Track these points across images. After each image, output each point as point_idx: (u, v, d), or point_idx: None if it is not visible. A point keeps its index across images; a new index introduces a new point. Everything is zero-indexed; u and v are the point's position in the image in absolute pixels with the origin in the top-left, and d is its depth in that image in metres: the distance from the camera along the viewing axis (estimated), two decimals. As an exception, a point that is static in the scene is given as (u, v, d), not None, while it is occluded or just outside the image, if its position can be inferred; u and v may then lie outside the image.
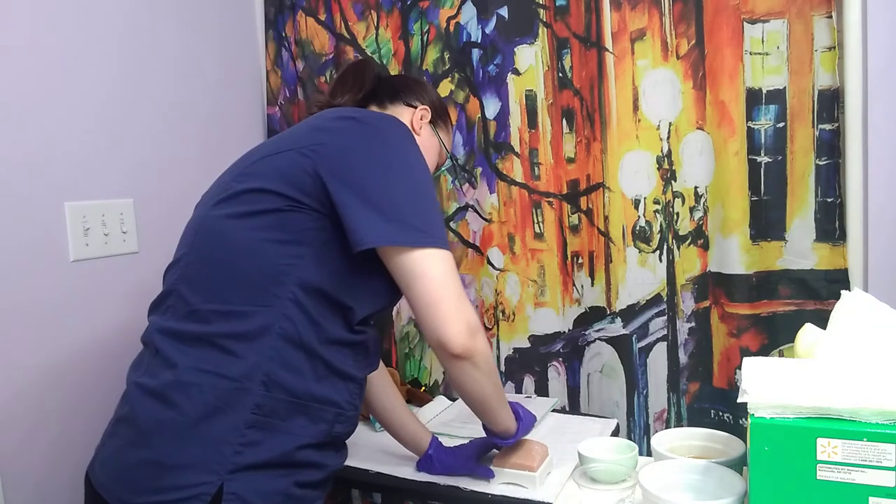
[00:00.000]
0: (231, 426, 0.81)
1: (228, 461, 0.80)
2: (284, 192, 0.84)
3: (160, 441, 0.81)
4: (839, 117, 1.18)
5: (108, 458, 0.87)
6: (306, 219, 0.85)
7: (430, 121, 1.11)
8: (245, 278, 0.85)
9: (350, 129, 0.88)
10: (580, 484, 1.02)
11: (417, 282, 0.83)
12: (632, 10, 1.33)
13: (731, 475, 0.91)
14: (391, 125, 0.91)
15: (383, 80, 1.12)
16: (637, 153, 1.36)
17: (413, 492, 1.15)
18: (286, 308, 0.84)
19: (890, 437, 0.67)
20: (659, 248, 1.36)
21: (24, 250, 1.18)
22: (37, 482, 1.20)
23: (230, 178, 0.93)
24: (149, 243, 1.40)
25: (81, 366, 1.27)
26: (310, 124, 0.92)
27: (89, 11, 1.29)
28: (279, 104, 1.71)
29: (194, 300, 0.86)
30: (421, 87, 1.13)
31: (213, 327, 0.84)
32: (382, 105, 1.10)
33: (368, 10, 1.60)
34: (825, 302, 1.20)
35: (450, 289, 0.84)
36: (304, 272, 0.84)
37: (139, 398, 0.85)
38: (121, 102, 1.35)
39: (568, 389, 1.49)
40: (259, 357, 0.83)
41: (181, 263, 0.91)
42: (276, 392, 0.83)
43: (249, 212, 0.86)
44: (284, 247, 0.84)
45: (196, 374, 0.83)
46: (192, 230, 0.93)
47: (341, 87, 1.09)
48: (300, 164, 0.85)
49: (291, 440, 0.84)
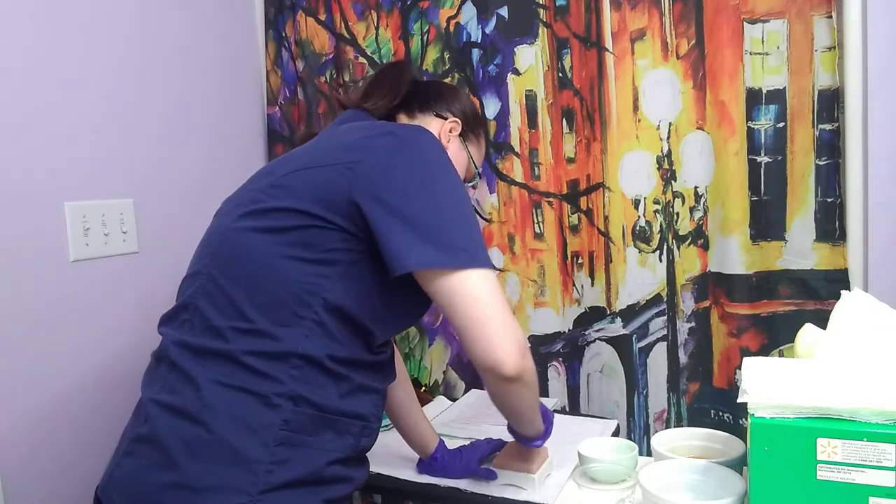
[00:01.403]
0: (261, 444, 0.78)
1: (260, 481, 0.76)
2: (314, 212, 0.81)
3: (188, 462, 0.77)
4: (839, 117, 1.18)
5: (126, 478, 0.82)
6: (335, 238, 0.81)
7: (459, 133, 1.05)
8: (268, 297, 0.81)
9: (388, 146, 0.84)
10: (580, 484, 1.02)
11: (462, 301, 0.78)
12: (632, 10, 1.33)
13: (731, 475, 0.91)
14: (429, 141, 0.87)
15: (417, 85, 1.07)
16: (637, 153, 1.36)
17: (414, 493, 1.15)
18: (309, 329, 0.81)
19: (890, 437, 0.67)
20: (659, 248, 1.36)
21: (24, 250, 1.18)
22: (32, 482, 1.20)
23: (260, 189, 0.88)
24: (149, 243, 1.40)
25: (81, 366, 1.27)
26: (346, 140, 0.88)
27: (89, 11, 1.29)
28: (279, 104, 1.71)
29: (213, 316, 0.83)
30: (454, 97, 1.07)
31: (234, 345, 0.81)
32: (412, 113, 1.04)
33: (368, 10, 1.60)
34: (825, 302, 1.20)
35: (497, 307, 0.79)
36: (329, 293, 0.81)
37: (159, 416, 0.81)
38: (120, 102, 1.35)
39: (568, 389, 1.49)
40: (282, 375, 0.80)
41: (201, 276, 0.87)
42: (304, 407, 0.80)
43: (277, 227, 0.83)
44: (310, 266, 0.81)
45: (221, 390, 0.79)
46: (216, 241, 0.89)
47: (377, 90, 1.03)
48: (335, 182, 0.81)
49: (320, 456, 0.81)
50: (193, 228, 1.47)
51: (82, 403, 1.27)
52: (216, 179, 1.55)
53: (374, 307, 0.84)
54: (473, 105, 1.10)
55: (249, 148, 1.69)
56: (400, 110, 1.04)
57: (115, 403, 1.32)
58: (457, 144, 1.05)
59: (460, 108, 1.06)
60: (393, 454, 1.23)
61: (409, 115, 1.04)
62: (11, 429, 1.16)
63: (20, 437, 1.17)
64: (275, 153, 1.71)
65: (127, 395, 1.34)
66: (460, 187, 0.85)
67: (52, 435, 1.23)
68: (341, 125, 0.97)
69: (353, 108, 1.03)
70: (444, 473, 1.15)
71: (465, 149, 1.06)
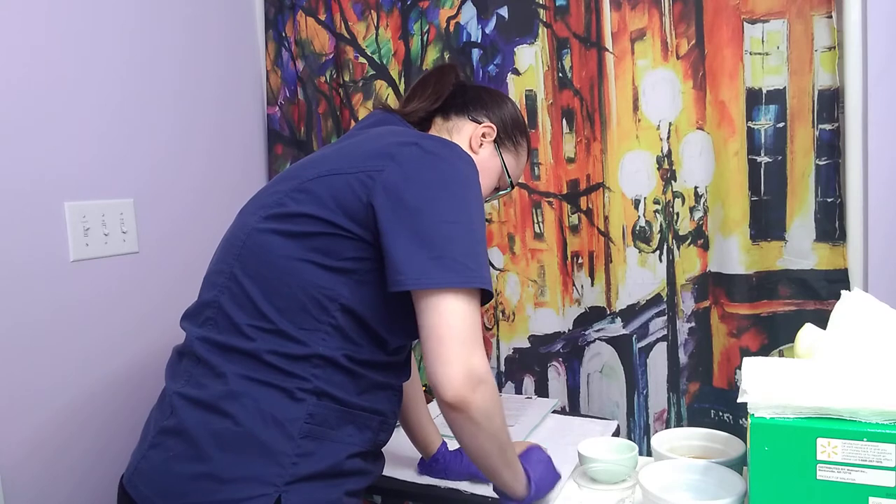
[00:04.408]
0: (287, 436, 0.80)
1: (287, 472, 0.79)
2: (335, 220, 0.82)
3: (217, 453, 0.79)
4: (839, 117, 1.18)
5: (153, 470, 0.84)
6: (354, 247, 0.83)
7: (494, 139, 1.04)
8: (287, 301, 0.83)
9: (411, 156, 0.84)
10: (580, 484, 1.02)
11: (433, 315, 0.78)
12: (632, 10, 1.33)
13: (731, 475, 0.91)
14: (455, 155, 0.87)
15: (459, 89, 1.06)
16: (637, 153, 1.36)
17: (414, 494, 1.15)
18: (326, 332, 0.83)
19: (890, 437, 0.67)
20: (659, 248, 1.36)
21: (24, 250, 1.18)
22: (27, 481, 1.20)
23: (284, 191, 0.88)
24: (149, 243, 1.40)
25: (81, 366, 1.27)
26: (371, 147, 0.88)
27: (88, 11, 1.29)
28: (279, 104, 1.71)
29: (237, 315, 0.85)
30: (495, 103, 1.05)
31: (257, 344, 0.83)
32: (447, 116, 1.04)
33: (368, 10, 1.60)
34: (825, 302, 1.20)
35: (463, 331, 0.78)
36: (345, 299, 0.83)
37: (186, 409, 0.83)
38: (120, 102, 1.35)
39: (568, 389, 1.49)
40: (305, 373, 0.82)
41: (224, 275, 0.89)
42: (327, 401, 0.83)
43: (298, 232, 0.84)
44: (329, 272, 0.83)
45: (248, 384, 0.82)
46: (240, 241, 0.90)
47: (420, 92, 1.04)
48: (356, 189, 0.83)
49: (342, 449, 0.84)
50: (194, 228, 1.48)
51: (82, 403, 1.27)
52: (216, 179, 1.55)
53: (387, 315, 0.86)
54: (516, 115, 1.07)
55: (249, 148, 1.69)
56: (438, 113, 1.04)
57: (115, 402, 1.32)
58: (489, 150, 1.04)
59: (499, 114, 1.04)
60: (393, 455, 1.23)
61: (445, 117, 1.04)
62: (11, 428, 1.16)
63: (20, 436, 1.17)
64: (275, 153, 1.71)
65: (127, 394, 1.34)
66: (477, 205, 0.85)
67: (52, 434, 1.22)
68: (370, 128, 0.97)
69: (381, 110, 1.04)
70: (444, 474, 1.15)
71: (498, 155, 1.05)
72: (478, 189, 0.87)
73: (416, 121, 1.03)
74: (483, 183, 1.05)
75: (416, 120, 1.03)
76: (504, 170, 1.06)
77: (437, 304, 0.78)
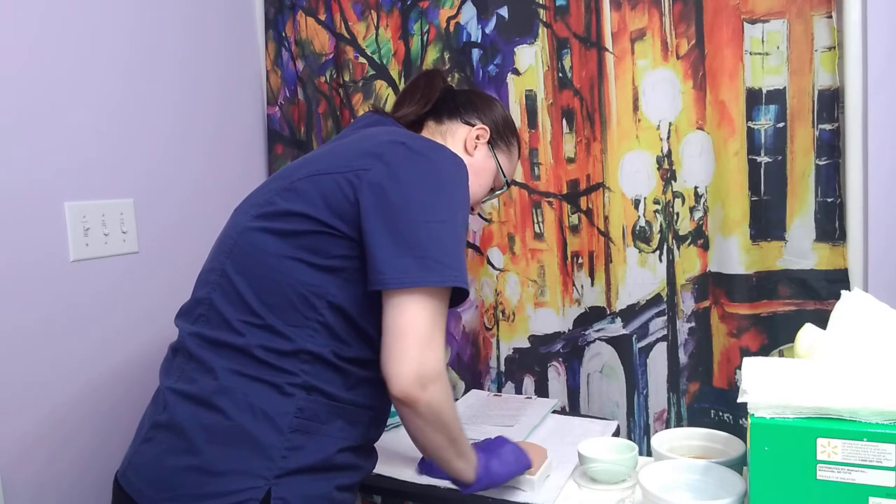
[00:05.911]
0: (276, 430, 0.81)
1: (276, 466, 0.80)
2: (323, 219, 0.84)
3: (207, 446, 0.81)
4: (839, 117, 1.18)
5: (146, 464, 0.85)
6: (341, 245, 0.84)
7: (487, 141, 1.06)
8: (276, 298, 0.85)
9: (398, 155, 0.86)
10: (580, 484, 1.02)
11: (397, 311, 0.81)
12: (632, 10, 1.33)
13: (731, 475, 0.91)
14: (442, 157, 0.88)
15: (448, 93, 1.08)
16: (637, 153, 1.36)
17: (414, 494, 1.15)
18: (314, 329, 0.84)
19: (890, 437, 0.67)
20: (659, 248, 1.36)
21: (24, 250, 1.18)
22: (26, 477, 1.20)
23: (275, 190, 0.90)
24: (149, 243, 1.40)
25: (81, 366, 1.27)
26: (360, 147, 0.90)
27: (88, 11, 1.29)
28: (279, 104, 1.71)
29: (227, 311, 0.86)
30: (486, 105, 1.09)
31: (247, 339, 0.84)
32: (440, 120, 1.06)
33: (368, 10, 1.60)
34: (825, 302, 1.20)
35: (422, 330, 0.80)
36: (332, 297, 0.85)
37: (178, 403, 0.85)
38: (120, 102, 1.35)
39: (568, 390, 1.49)
40: (294, 369, 0.84)
41: (216, 272, 0.90)
42: (316, 396, 0.84)
43: (288, 231, 0.86)
44: (317, 270, 0.84)
45: (238, 379, 0.83)
46: (231, 240, 0.92)
47: (410, 97, 1.06)
48: (343, 188, 0.84)
49: (332, 443, 0.85)
50: (193, 228, 1.48)
51: (82, 402, 1.27)
52: (216, 179, 1.55)
53: (375, 313, 0.86)
54: (506, 116, 1.11)
55: (249, 148, 1.69)
56: (429, 117, 1.06)
57: (114, 401, 1.32)
58: (484, 152, 1.07)
59: (491, 116, 1.08)
60: (393, 455, 1.23)
61: (437, 121, 1.06)
62: (11, 426, 1.16)
63: (20, 436, 1.17)
64: (275, 153, 1.71)
65: (125, 393, 1.34)
66: (460, 205, 0.87)
67: (51, 432, 1.22)
68: (362, 129, 0.98)
69: (374, 112, 1.05)
70: (444, 474, 1.15)
71: (493, 156, 1.08)
72: (463, 190, 0.88)
73: (407, 124, 1.05)
74: (480, 184, 1.07)
75: (407, 123, 1.05)
76: (499, 170, 1.09)
77: (406, 301, 0.80)
